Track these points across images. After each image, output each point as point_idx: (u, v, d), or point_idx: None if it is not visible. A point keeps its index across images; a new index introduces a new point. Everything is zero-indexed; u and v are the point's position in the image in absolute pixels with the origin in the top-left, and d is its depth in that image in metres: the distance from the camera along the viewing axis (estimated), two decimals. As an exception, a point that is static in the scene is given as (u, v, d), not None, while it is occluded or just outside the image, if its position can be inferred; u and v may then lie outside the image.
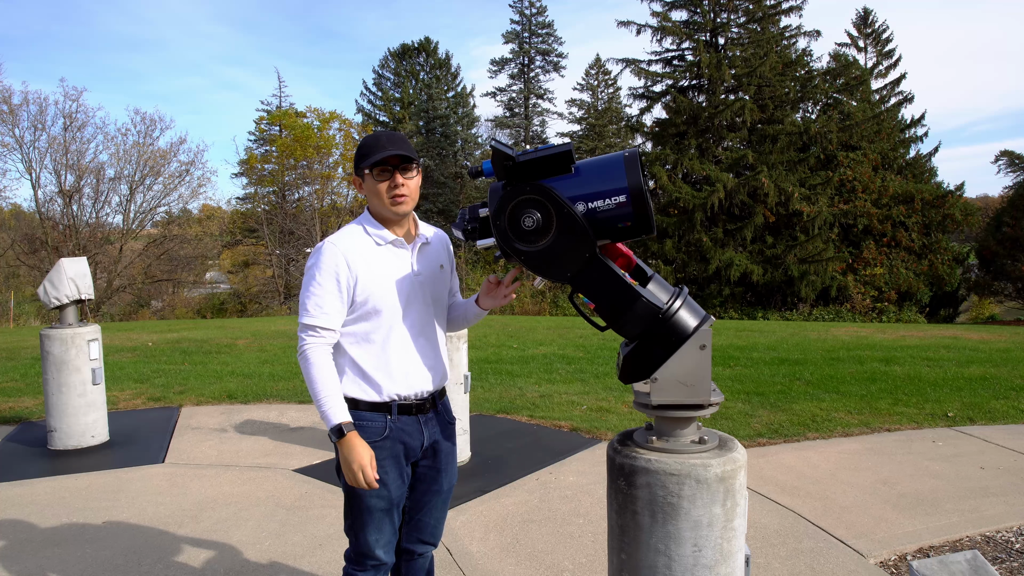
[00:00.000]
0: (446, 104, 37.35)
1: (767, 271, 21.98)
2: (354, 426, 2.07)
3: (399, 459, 2.19)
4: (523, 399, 6.69)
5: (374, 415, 2.16)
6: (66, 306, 5.33)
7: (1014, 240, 22.61)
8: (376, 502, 2.16)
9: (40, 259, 23.67)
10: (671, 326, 1.65)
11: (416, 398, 2.21)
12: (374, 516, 2.17)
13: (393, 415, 2.17)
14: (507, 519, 3.84)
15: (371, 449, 2.08)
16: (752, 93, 23.33)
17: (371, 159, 2.11)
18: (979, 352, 9.08)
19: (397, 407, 2.18)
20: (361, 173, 2.17)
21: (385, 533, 2.21)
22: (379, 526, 2.19)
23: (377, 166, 2.12)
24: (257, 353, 9.90)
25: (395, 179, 2.13)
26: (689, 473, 1.59)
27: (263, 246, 30.89)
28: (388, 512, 2.20)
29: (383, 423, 2.16)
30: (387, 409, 2.17)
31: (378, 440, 2.14)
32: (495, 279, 2.20)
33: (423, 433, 2.24)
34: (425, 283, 2.24)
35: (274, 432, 5.72)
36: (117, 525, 3.83)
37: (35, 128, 23.34)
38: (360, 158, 2.15)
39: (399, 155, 2.11)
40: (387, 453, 2.16)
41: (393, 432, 2.17)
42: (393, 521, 2.23)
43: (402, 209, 2.16)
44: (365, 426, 2.14)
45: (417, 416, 2.22)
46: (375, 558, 2.21)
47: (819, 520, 3.76)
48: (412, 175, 2.17)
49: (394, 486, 2.18)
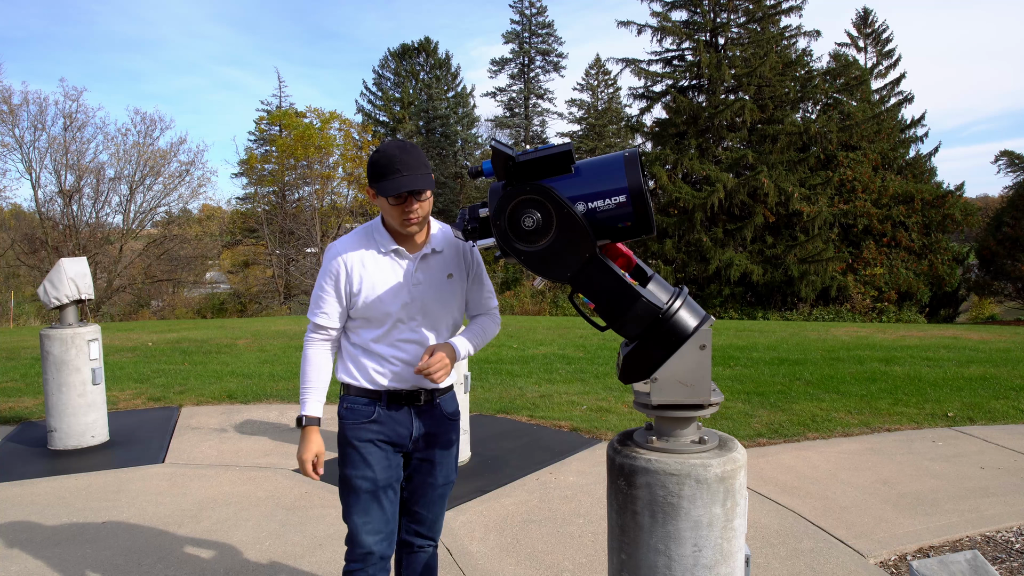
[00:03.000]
0: (446, 104, 37.36)
1: (767, 271, 21.98)
2: (317, 422, 2.25)
3: (384, 443, 2.27)
4: (523, 399, 6.69)
5: (365, 400, 2.27)
6: (66, 306, 5.33)
7: (1014, 240, 22.61)
8: (361, 483, 2.24)
9: (40, 259, 23.67)
10: (671, 326, 1.65)
11: (405, 391, 2.28)
12: (360, 498, 2.24)
13: (383, 402, 2.27)
14: (507, 519, 3.84)
15: (322, 446, 2.26)
16: (752, 93, 23.34)
17: (385, 187, 2.09)
18: (979, 352, 9.08)
19: (387, 396, 2.27)
20: (375, 190, 2.16)
21: (372, 518, 2.24)
22: (365, 508, 2.24)
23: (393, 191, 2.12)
24: (257, 353, 9.90)
25: (409, 204, 2.13)
26: (689, 473, 1.58)
27: (263, 246, 30.90)
28: (374, 495, 2.24)
29: (373, 408, 2.27)
30: (377, 397, 2.27)
31: (365, 422, 2.25)
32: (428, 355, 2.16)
33: (412, 424, 2.30)
34: (426, 292, 2.26)
35: (274, 432, 5.72)
36: (117, 525, 3.83)
37: (35, 128, 23.37)
38: (375, 177, 2.12)
39: (416, 188, 2.09)
40: (373, 436, 2.25)
41: (381, 418, 2.26)
42: (382, 506, 2.26)
43: (414, 230, 2.20)
44: (355, 408, 2.27)
45: (408, 407, 2.29)
46: (362, 545, 2.24)
47: (819, 520, 3.76)
48: (426, 197, 2.17)
49: (379, 468, 2.25)
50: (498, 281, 26.41)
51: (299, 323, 15.37)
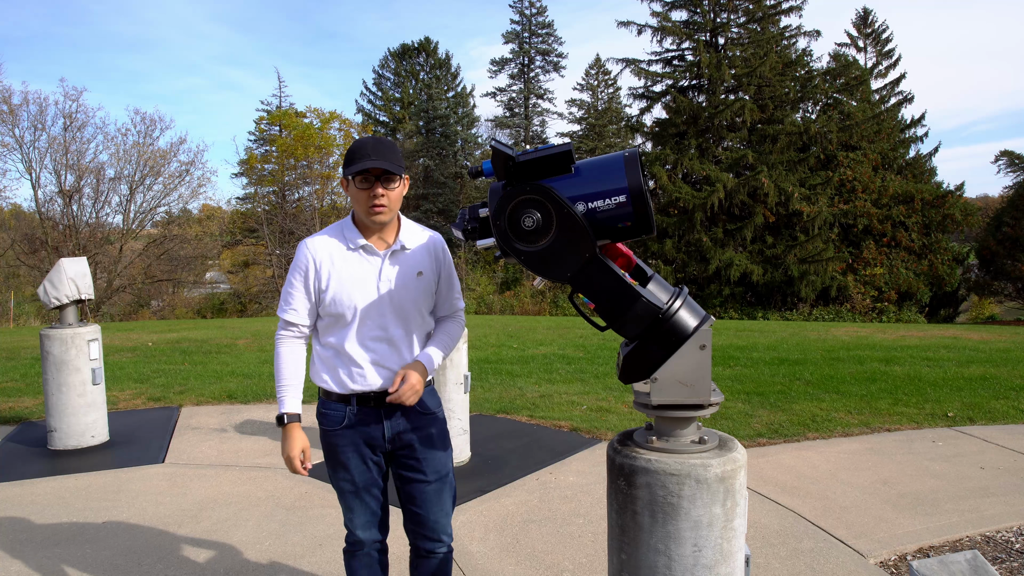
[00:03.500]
0: (446, 104, 37.33)
1: (767, 271, 21.98)
2: (297, 418, 2.28)
3: (359, 447, 2.31)
4: (523, 399, 6.69)
5: (337, 405, 2.31)
6: (66, 306, 5.33)
7: (1014, 240, 22.61)
8: (344, 484, 2.35)
9: (40, 259, 23.67)
10: (671, 326, 1.65)
11: (374, 393, 2.29)
12: (345, 496, 2.36)
13: (352, 406, 2.29)
14: (507, 519, 3.84)
15: (306, 441, 2.28)
16: (752, 93, 23.34)
17: (354, 167, 2.16)
18: (979, 352, 9.08)
19: (356, 398, 2.29)
20: (347, 177, 2.21)
21: (358, 513, 2.37)
22: (351, 505, 2.37)
23: (359, 175, 2.18)
24: (257, 353, 9.90)
25: (375, 189, 2.17)
26: (689, 473, 1.58)
27: (263, 246, 30.89)
28: (356, 494, 2.35)
29: (343, 412, 2.30)
30: (347, 400, 2.29)
31: (338, 428, 2.30)
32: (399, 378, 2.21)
33: (383, 424, 2.31)
34: (394, 289, 2.26)
35: (274, 432, 5.72)
36: (117, 525, 3.83)
37: (35, 128, 23.36)
38: (346, 162, 2.20)
39: (379, 167, 2.14)
40: (347, 441, 2.30)
41: (352, 422, 2.30)
42: (365, 502, 2.36)
43: (380, 219, 2.22)
44: (328, 414, 2.32)
45: (378, 409, 2.30)
46: (353, 535, 2.41)
47: (819, 520, 3.76)
48: (394, 186, 2.22)
49: (356, 472, 2.32)
50: (498, 281, 26.41)
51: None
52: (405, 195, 2.33)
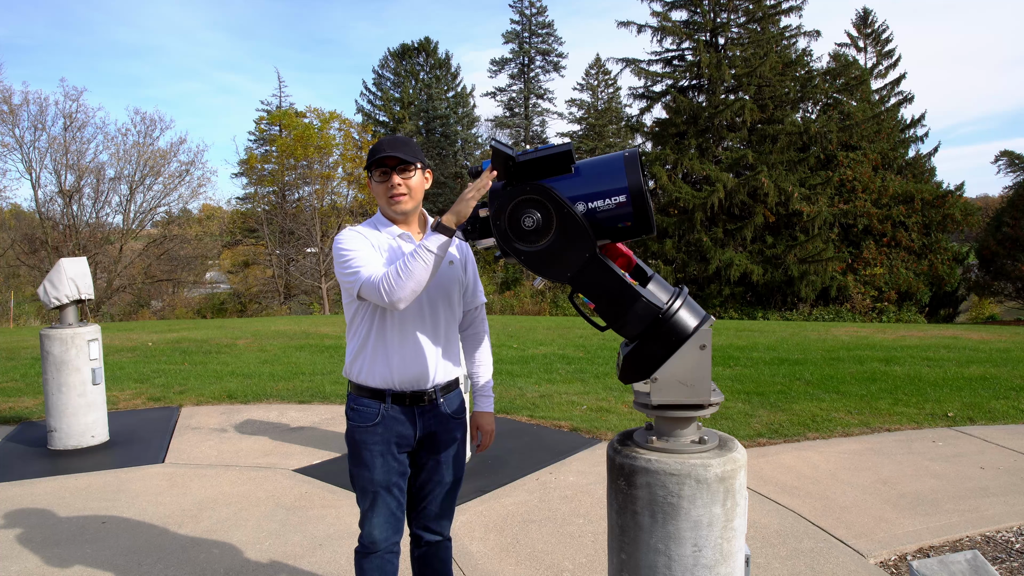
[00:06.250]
0: (446, 104, 37.34)
1: (767, 271, 21.98)
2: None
3: (389, 446, 2.29)
4: (523, 399, 6.69)
5: (370, 401, 2.28)
6: (66, 306, 5.33)
7: (1014, 240, 22.58)
8: (365, 483, 2.33)
9: (40, 259, 23.69)
10: (671, 326, 1.65)
11: (410, 390, 2.29)
12: (366, 494, 2.33)
13: (387, 403, 2.28)
14: (507, 519, 3.84)
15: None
16: (752, 93, 23.33)
17: (371, 163, 2.25)
18: (979, 352, 9.08)
19: (391, 396, 2.27)
20: (369, 176, 2.30)
21: (377, 513, 2.33)
22: (371, 505, 2.35)
23: (376, 168, 2.25)
24: (257, 353, 9.90)
25: (392, 179, 2.24)
26: (689, 473, 1.58)
27: (263, 246, 30.90)
28: (377, 493, 2.32)
29: (377, 409, 2.28)
30: (382, 397, 2.27)
31: (370, 425, 2.28)
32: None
33: (416, 424, 2.32)
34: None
35: (274, 432, 5.72)
36: (117, 525, 3.83)
37: (35, 128, 23.40)
38: (368, 162, 2.28)
39: (394, 156, 2.21)
40: (377, 439, 2.28)
41: (385, 419, 2.28)
42: (385, 502, 2.32)
43: (400, 208, 2.26)
44: (360, 411, 2.29)
45: (412, 407, 2.30)
46: (369, 535, 2.35)
47: (819, 520, 3.76)
48: (411, 175, 2.26)
49: (381, 471, 2.29)
50: (498, 281, 26.42)
51: (299, 323, 15.37)
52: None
